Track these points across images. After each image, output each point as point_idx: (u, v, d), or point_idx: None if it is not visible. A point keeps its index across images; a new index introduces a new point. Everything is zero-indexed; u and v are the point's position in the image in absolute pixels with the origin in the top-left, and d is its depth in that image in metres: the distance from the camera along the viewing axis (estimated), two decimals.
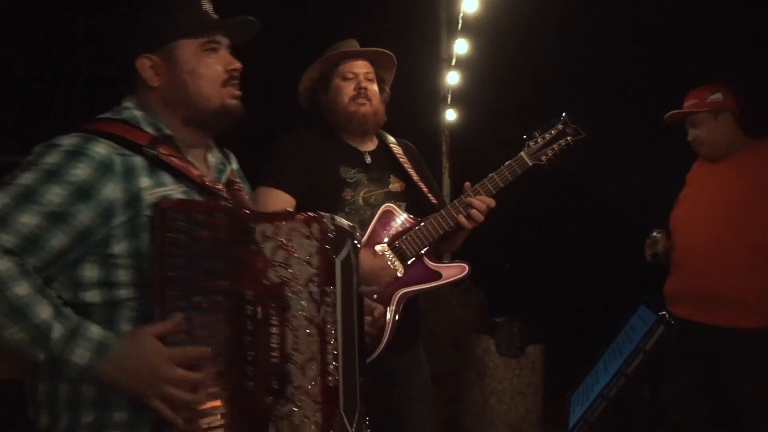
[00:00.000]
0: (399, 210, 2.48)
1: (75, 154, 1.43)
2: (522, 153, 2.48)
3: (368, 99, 2.50)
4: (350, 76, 2.52)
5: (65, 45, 6.13)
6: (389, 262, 2.40)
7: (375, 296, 2.36)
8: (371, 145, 2.61)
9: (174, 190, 1.51)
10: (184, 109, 1.60)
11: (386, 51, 2.58)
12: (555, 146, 2.50)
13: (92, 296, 1.46)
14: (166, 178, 1.51)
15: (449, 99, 7.02)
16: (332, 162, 2.49)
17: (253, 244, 1.44)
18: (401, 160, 2.59)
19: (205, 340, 1.40)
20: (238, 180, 1.75)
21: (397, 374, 2.48)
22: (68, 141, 1.45)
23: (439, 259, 2.50)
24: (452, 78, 6.67)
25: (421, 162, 2.72)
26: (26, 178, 1.40)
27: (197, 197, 1.54)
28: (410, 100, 6.69)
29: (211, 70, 1.60)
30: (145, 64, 1.59)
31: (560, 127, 2.52)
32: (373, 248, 2.42)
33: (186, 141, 1.62)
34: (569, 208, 5.14)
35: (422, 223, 2.44)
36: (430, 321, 4.52)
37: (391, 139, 2.67)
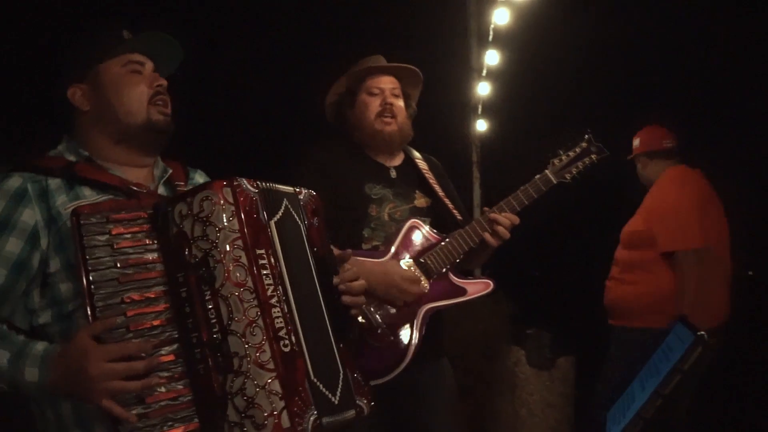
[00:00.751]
0: (424, 226, 2.47)
1: None
2: (547, 170, 2.49)
3: (394, 116, 2.49)
4: (376, 91, 2.51)
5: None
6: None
7: (400, 310, 2.35)
8: (397, 160, 2.59)
9: (94, 200, 1.55)
10: (112, 128, 1.65)
11: (413, 67, 2.57)
12: (579, 164, 2.51)
13: (45, 317, 1.51)
14: (86, 191, 1.56)
15: (480, 109, 7.02)
16: (357, 178, 2.48)
17: (174, 226, 1.43)
18: (426, 175, 2.57)
19: (147, 332, 1.38)
20: (180, 183, 1.75)
21: (423, 387, 2.44)
22: None
23: (463, 274, 2.48)
24: (483, 89, 6.68)
25: (446, 177, 2.70)
26: None
27: None
28: (441, 110, 6.71)
29: (135, 88, 1.66)
30: (75, 93, 1.67)
31: (584, 145, 2.53)
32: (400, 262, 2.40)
33: (119, 159, 1.67)
34: (603, 218, 5.10)
35: (447, 240, 2.43)
36: (460, 331, 4.51)
37: (417, 154, 2.65)
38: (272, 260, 1.47)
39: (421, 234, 2.46)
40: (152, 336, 1.39)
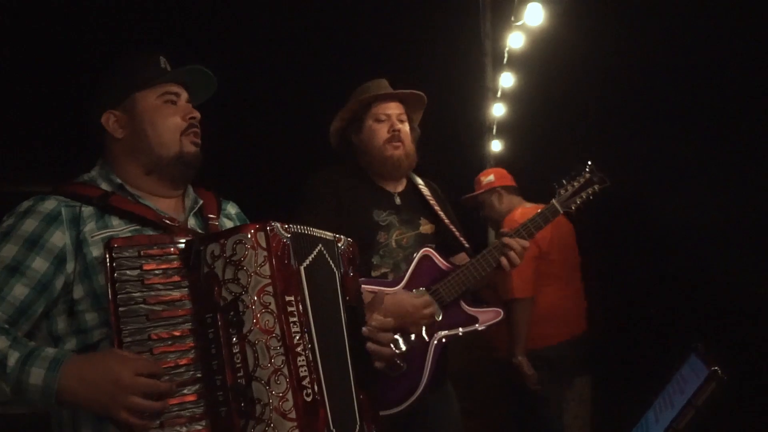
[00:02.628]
0: (437, 255, 2.49)
1: (26, 213, 1.55)
2: (554, 200, 2.57)
3: (401, 141, 2.51)
4: (383, 117, 2.53)
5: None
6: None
7: (413, 339, 2.37)
8: (400, 186, 2.61)
9: (121, 230, 1.57)
10: (144, 158, 1.67)
11: (419, 92, 2.59)
12: (583, 194, 2.58)
13: (69, 345, 1.52)
14: (114, 221, 1.58)
15: (495, 130, 7.05)
16: (365, 205, 2.49)
17: (205, 266, 1.43)
18: (431, 202, 2.60)
19: (171, 370, 1.39)
20: (212, 216, 1.76)
21: (428, 411, 2.45)
22: (25, 204, 1.57)
23: (475, 303, 2.51)
24: (498, 110, 6.72)
25: (446, 202, 2.72)
26: None
27: (151, 233, 1.57)
28: (457, 131, 6.75)
29: (170, 119, 1.67)
30: (109, 119, 1.68)
31: (587, 175, 2.59)
32: (412, 291, 2.42)
33: (149, 189, 1.68)
34: (616, 235, 5.09)
35: (460, 268, 2.46)
36: (472, 353, 4.50)
37: (419, 180, 2.67)
38: (300, 307, 1.47)
39: (433, 263, 2.48)
40: (176, 374, 1.39)
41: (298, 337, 1.44)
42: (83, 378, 1.35)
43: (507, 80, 6.17)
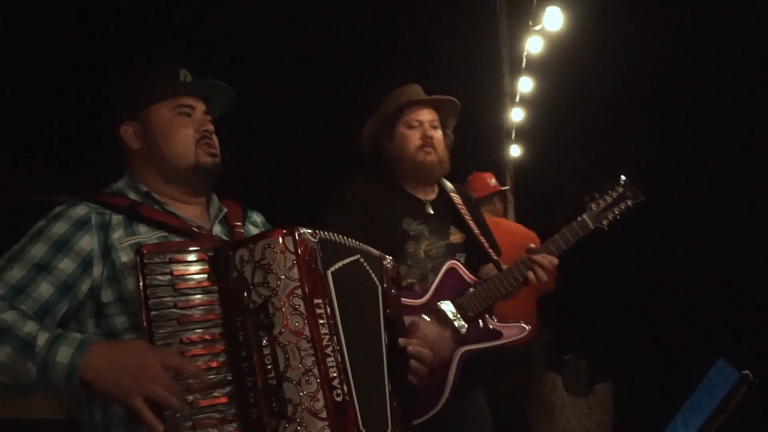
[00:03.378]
0: (463, 267, 2.48)
1: (57, 216, 1.59)
2: (584, 215, 2.49)
3: (434, 147, 2.48)
4: (415, 124, 2.50)
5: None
6: (453, 322, 2.40)
7: (438, 352, 2.33)
8: (432, 194, 2.58)
9: (149, 237, 1.60)
10: (161, 168, 1.71)
11: (452, 98, 2.57)
12: (615, 210, 2.50)
13: None
14: (142, 228, 1.62)
15: (513, 135, 7.05)
16: (395, 213, 2.47)
17: (234, 271, 1.46)
18: (461, 210, 2.57)
19: (203, 373, 1.40)
20: (237, 223, 1.79)
21: (458, 421, 2.44)
22: (57, 208, 1.61)
23: (500, 317, 2.49)
24: (516, 114, 6.71)
25: (478, 209, 2.71)
26: (19, 244, 1.56)
27: (178, 240, 1.60)
28: (475, 135, 6.75)
29: (183, 131, 1.71)
30: (127, 131, 1.73)
31: (620, 190, 2.52)
32: (437, 306, 2.42)
33: (172, 196, 1.72)
34: (638, 240, 5.06)
35: (485, 282, 2.45)
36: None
37: (450, 186, 2.65)
38: (328, 310, 1.50)
39: (459, 275, 2.47)
40: (207, 377, 1.41)
41: (327, 339, 1.46)
42: (109, 358, 1.37)
43: (525, 85, 6.18)
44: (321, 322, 1.47)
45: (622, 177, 2.56)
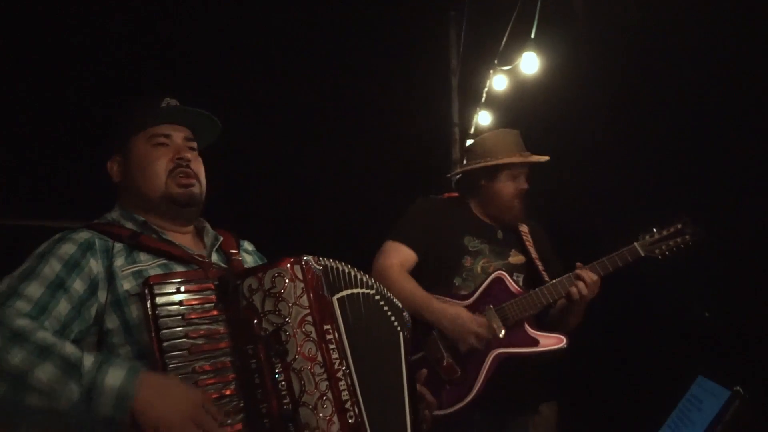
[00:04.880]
0: (509, 278, 2.64)
1: (61, 239, 1.59)
2: (636, 243, 2.64)
3: (522, 200, 2.77)
4: (517, 176, 2.76)
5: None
6: (492, 322, 2.55)
7: (471, 350, 2.52)
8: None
9: (150, 266, 1.60)
10: (137, 200, 1.72)
11: (545, 158, 2.79)
12: (671, 242, 2.63)
13: None
14: (143, 256, 1.62)
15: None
16: (458, 230, 2.72)
17: (243, 299, 1.49)
18: (525, 237, 2.77)
19: (216, 402, 1.42)
20: (234, 251, 1.80)
21: None
22: (57, 234, 1.61)
23: (540, 327, 2.62)
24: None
25: (545, 241, 2.88)
26: (25, 263, 1.54)
27: (180, 269, 1.61)
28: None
29: (156, 163, 1.71)
30: (113, 166, 1.77)
31: (679, 226, 2.65)
32: (480, 309, 2.58)
33: (160, 225, 1.72)
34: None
35: (530, 293, 2.59)
36: None
37: (524, 225, 2.84)
38: (336, 335, 1.54)
39: (505, 285, 2.63)
40: (221, 406, 1.43)
41: (337, 363, 1.51)
42: (161, 392, 1.36)
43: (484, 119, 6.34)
44: (331, 347, 1.51)
45: (684, 214, 2.67)
